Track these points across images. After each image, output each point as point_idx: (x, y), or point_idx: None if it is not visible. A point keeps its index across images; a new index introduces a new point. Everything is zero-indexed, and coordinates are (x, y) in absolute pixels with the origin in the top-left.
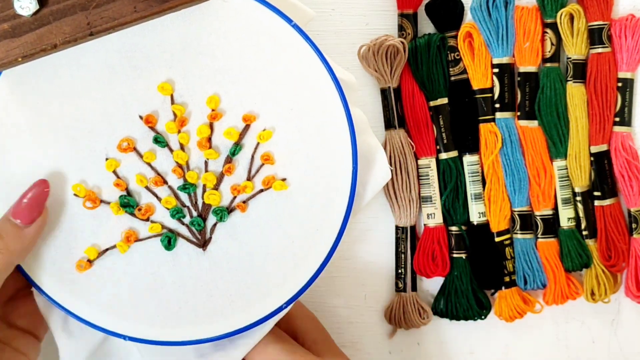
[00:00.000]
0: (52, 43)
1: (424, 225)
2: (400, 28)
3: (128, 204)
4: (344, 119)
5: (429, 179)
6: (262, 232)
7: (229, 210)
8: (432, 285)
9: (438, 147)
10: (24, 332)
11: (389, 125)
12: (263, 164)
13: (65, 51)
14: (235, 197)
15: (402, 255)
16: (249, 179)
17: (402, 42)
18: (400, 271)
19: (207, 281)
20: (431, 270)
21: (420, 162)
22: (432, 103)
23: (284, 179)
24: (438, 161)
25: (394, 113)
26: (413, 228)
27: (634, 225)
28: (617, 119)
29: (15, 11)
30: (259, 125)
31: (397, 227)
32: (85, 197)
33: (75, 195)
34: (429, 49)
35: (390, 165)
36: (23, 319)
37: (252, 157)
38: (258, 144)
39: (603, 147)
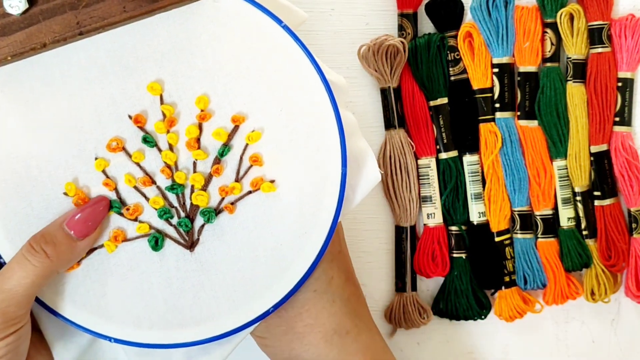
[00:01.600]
0: (42, 42)
1: (424, 225)
2: (400, 28)
3: (112, 205)
4: (333, 121)
5: (429, 179)
6: (250, 234)
7: (217, 211)
8: (432, 285)
9: (438, 147)
10: None
11: (389, 125)
12: (252, 165)
13: (54, 50)
14: (223, 199)
15: (402, 255)
16: (237, 180)
17: (402, 42)
18: (400, 271)
19: (194, 283)
20: (431, 270)
21: (420, 162)
22: (432, 103)
23: (272, 181)
24: (438, 161)
25: (394, 113)
26: (413, 228)
27: (634, 225)
28: (617, 119)
29: (5, 10)
30: (248, 126)
31: (397, 227)
32: (75, 196)
33: (65, 194)
34: (429, 49)
35: (390, 165)
36: None
37: (241, 158)
38: (247, 145)
39: (603, 147)
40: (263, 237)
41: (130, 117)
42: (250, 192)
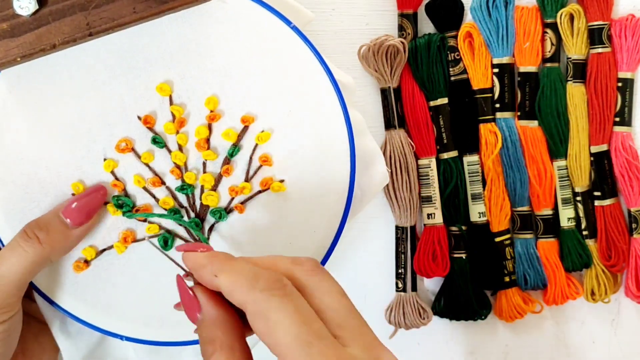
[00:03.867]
0: (51, 43)
1: (424, 225)
2: (400, 28)
3: (123, 204)
4: (342, 121)
5: (429, 179)
6: (260, 233)
7: (227, 211)
8: (432, 285)
9: (438, 147)
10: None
11: (389, 125)
12: (261, 165)
13: (64, 51)
14: (233, 199)
15: (402, 255)
16: (247, 180)
17: (402, 42)
18: (400, 271)
19: None
20: (431, 270)
21: (420, 162)
22: (432, 103)
23: (282, 181)
24: (438, 161)
25: (394, 113)
26: (413, 228)
27: (634, 225)
28: (617, 119)
29: (15, 11)
30: (258, 126)
31: (397, 227)
32: None
33: (73, 194)
34: (429, 49)
35: (390, 165)
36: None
37: (250, 158)
38: (256, 145)
39: (603, 147)
40: (273, 236)
41: (139, 117)
42: (260, 192)
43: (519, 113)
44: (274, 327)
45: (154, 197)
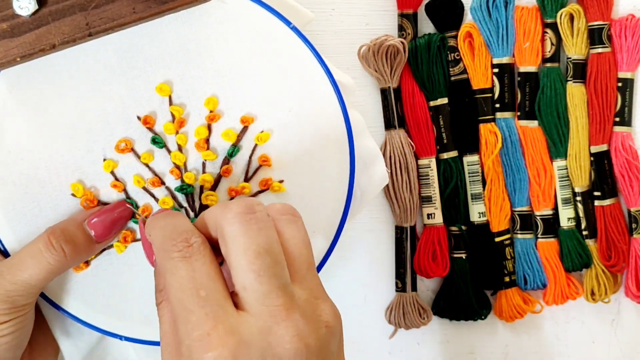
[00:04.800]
0: (51, 43)
1: (424, 225)
2: (400, 28)
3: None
4: (341, 121)
5: (429, 179)
6: None
7: None
8: (432, 285)
9: (438, 147)
10: None
11: (389, 125)
12: (260, 166)
13: (63, 51)
14: (232, 199)
15: (402, 255)
16: (246, 180)
17: (402, 42)
18: (400, 271)
19: None
20: (431, 270)
21: (420, 162)
22: (432, 103)
23: (281, 181)
24: (438, 161)
25: (394, 113)
26: (413, 228)
27: (634, 225)
28: (617, 119)
29: (14, 11)
30: (257, 127)
31: (397, 227)
32: (82, 197)
33: (73, 195)
34: (429, 49)
35: (391, 165)
36: None
37: (250, 158)
38: (256, 145)
39: (603, 147)
40: None
41: (139, 118)
42: (259, 192)
43: (519, 113)
44: (168, 290)
45: (154, 197)
